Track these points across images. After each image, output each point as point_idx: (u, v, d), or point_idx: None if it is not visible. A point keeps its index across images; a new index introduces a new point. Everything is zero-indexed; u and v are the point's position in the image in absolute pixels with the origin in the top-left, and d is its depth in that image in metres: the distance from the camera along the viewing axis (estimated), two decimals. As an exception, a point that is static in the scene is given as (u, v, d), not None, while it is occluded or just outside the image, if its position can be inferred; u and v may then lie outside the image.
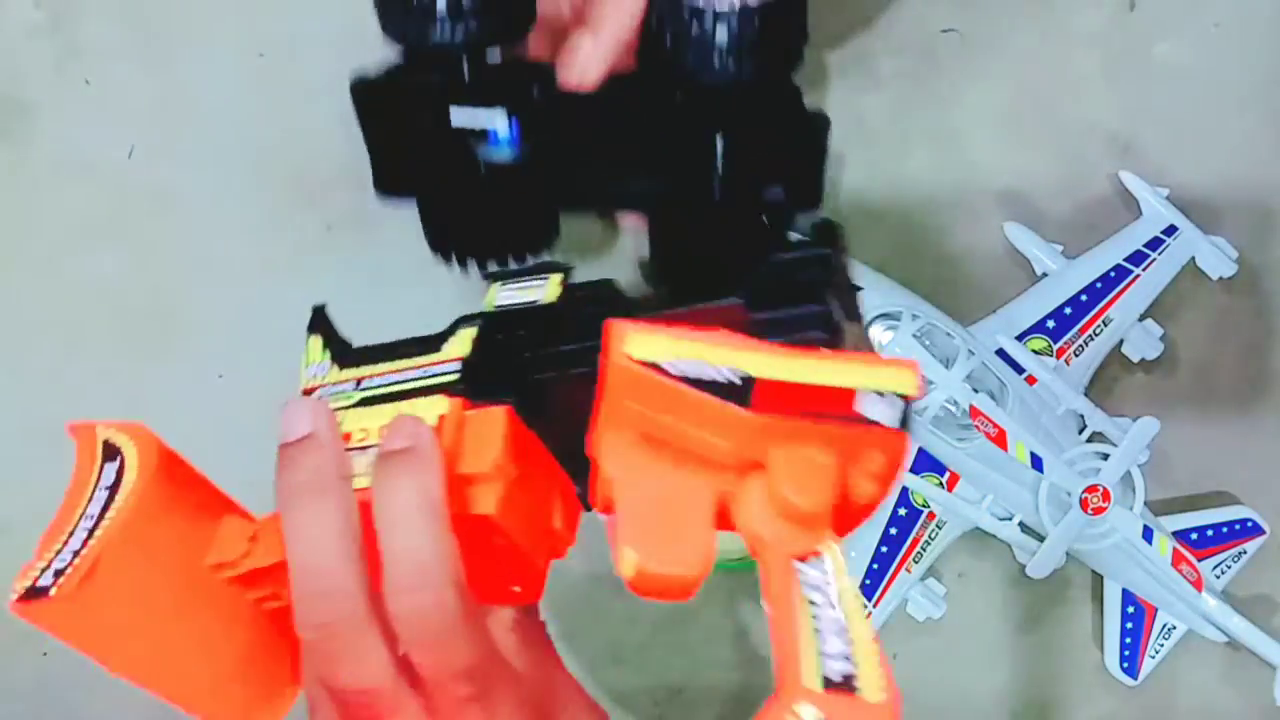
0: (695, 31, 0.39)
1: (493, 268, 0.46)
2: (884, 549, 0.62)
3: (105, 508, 0.33)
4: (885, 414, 0.29)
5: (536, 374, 0.36)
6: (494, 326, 0.37)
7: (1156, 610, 0.62)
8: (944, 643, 0.64)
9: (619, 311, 0.32)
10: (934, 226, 0.64)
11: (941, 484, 0.61)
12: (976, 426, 0.58)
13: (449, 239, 0.47)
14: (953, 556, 0.63)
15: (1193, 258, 0.63)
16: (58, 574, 0.33)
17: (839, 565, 0.29)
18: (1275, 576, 0.64)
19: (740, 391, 0.29)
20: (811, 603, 0.28)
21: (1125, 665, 0.63)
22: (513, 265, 0.44)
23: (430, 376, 0.36)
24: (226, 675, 0.35)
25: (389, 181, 0.42)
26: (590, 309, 0.36)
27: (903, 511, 0.62)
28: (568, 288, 0.37)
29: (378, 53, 0.65)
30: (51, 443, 0.68)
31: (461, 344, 0.36)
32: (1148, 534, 0.60)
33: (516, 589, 0.36)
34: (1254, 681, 0.63)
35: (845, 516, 0.30)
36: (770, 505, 0.29)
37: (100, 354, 0.63)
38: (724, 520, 0.31)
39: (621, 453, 0.31)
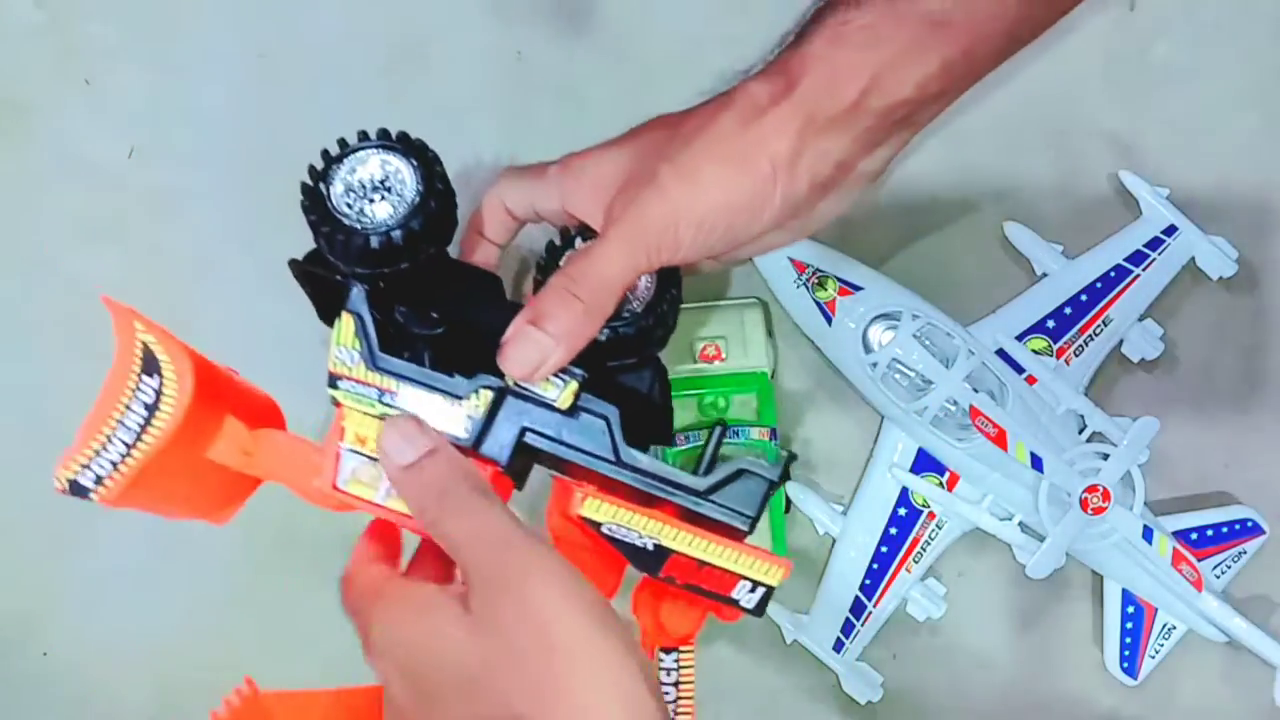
0: None
1: None
2: (884, 549, 0.62)
3: (143, 427, 0.40)
4: (750, 602, 0.43)
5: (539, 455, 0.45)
6: (512, 395, 0.44)
7: (1156, 610, 0.62)
8: (944, 643, 0.64)
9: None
10: (934, 226, 0.64)
11: (941, 484, 0.61)
12: (976, 426, 0.58)
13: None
14: (953, 556, 0.63)
15: (1193, 258, 0.63)
16: (98, 479, 0.41)
17: (685, 661, 0.45)
18: (1275, 576, 0.64)
19: (654, 557, 0.42)
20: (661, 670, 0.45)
21: (1125, 665, 0.63)
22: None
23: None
24: (197, 501, 0.45)
25: (329, 320, 0.46)
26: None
27: (903, 511, 0.62)
28: (578, 396, 0.44)
29: (376, 52, 0.65)
30: (52, 443, 0.68)
31: (479, 404, 0.43)
32: (1148, 534, 0.60)
33: None
34: (1254, 681, 0.63)
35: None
36: (653, 622, 0.45)
37: (100, 354, 0.63)
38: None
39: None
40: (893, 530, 0.62)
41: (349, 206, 0.44)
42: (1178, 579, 0.61)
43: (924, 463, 0.61)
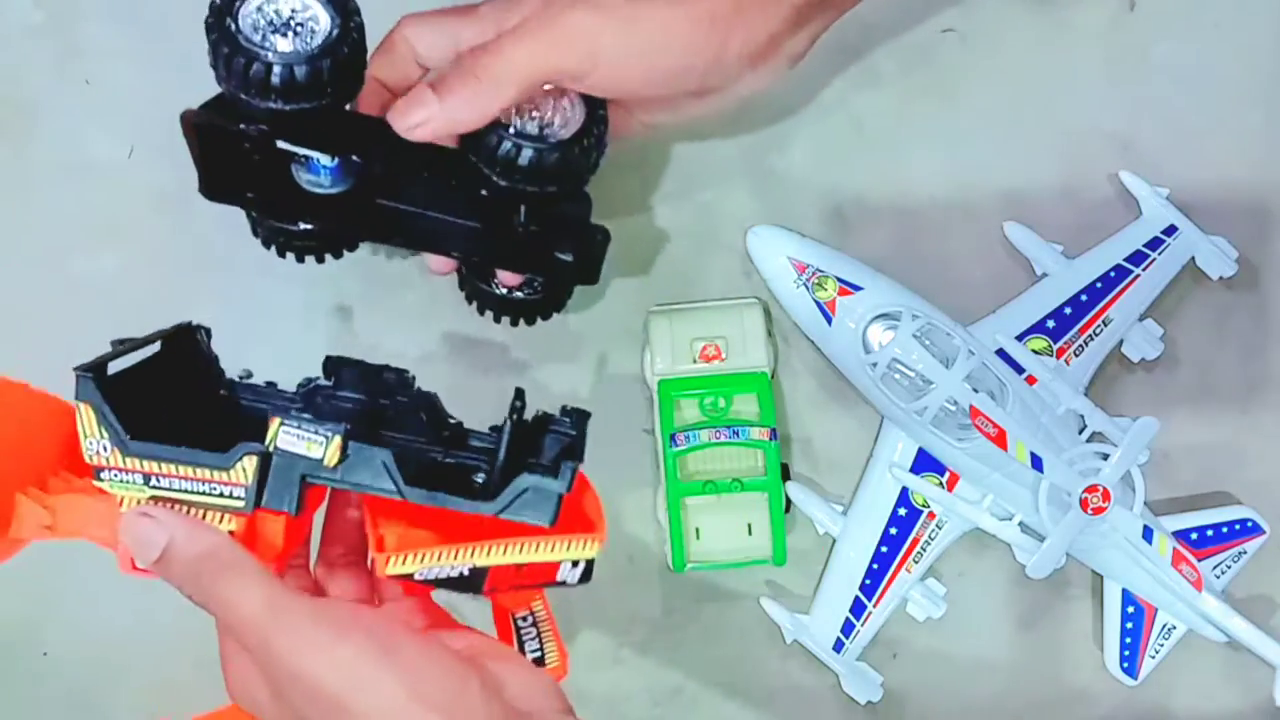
0: (502, 149, 0.46)
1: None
2: (884, 549, 0.62)
3: None
4: (574, 577, 0.44)
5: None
6: (278, 454, 0.42)
7: (1156, 610, 0.62)
8: (944, 643, 0.64)
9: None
10: (934, 226, 0.64)
11: (941, 484, 0.61)
12: (976, 426, 0.58)
13: (275, 239, 0.53)
14: (953, 556, 0.63)
15: (1193, 258, 0.63)
16: None
17: (540, 613, 0.46)
18: (1275, 576, 0.64)
19: (473, 580, 0.43)
20: (520, 630, 0.46)
21: (1125, 665, 0.63)
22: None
23: (218, 495, 0.42)
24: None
25: (215, 190, 0.46)
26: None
27: (903, 511, 0.62)
28: (345, 449, 0.42)
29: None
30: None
31: (246, 471, 0.42)
32: (1148, 534, 0.60)
33: None
34: (1254, 681, 0.63)
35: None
36: (496, 607, 0.46)
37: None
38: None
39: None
40: (893, 530, 0.62)
41: (256, 34, 0.43)
42: (1178, 579, 0.61)
43: (924, 463, 0.61)
